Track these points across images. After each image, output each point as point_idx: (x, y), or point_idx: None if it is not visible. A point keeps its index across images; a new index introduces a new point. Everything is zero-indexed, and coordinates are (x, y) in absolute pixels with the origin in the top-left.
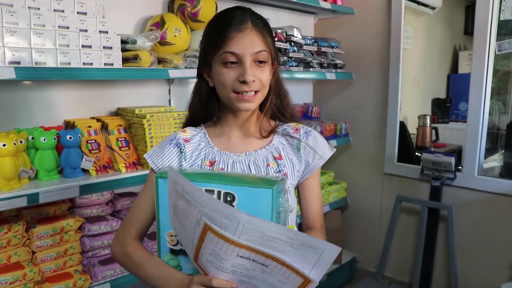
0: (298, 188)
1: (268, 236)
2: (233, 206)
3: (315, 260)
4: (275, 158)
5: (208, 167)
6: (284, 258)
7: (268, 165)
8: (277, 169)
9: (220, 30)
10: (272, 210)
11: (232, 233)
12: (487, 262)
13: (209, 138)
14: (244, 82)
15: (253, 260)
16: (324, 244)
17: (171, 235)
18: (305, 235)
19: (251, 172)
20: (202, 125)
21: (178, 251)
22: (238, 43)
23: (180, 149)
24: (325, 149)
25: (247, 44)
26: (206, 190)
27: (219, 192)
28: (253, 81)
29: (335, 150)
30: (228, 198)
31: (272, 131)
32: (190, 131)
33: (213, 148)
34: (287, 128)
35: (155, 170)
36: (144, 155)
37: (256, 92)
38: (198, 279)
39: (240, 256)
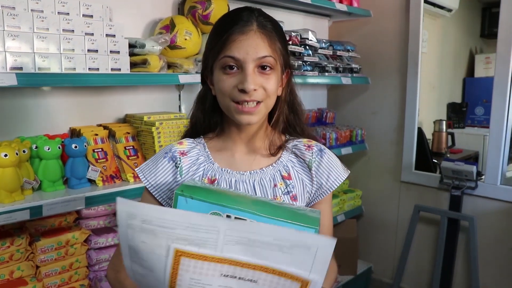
0: None
1: (253, 241)
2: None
3: (311, 262)
4: (283, 178)
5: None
6: (275, 265)
7: (275, 185)
8: (285, 190)
9: (222, 32)
10: None
11: (213, 247)
12: (510, 276)
13: (209, 152)
14: (243, 91)
15: (239, 278)
16: (317, 239)
17: None
18: (293, 230)
19: (255, 194)
20: (201, 136)
21: None
22: (240, 46)
23: (176, 163)
24: (340, 171)
25: (250, 48)
26: (237, 219)
27: None
28: (255, 90)
29: (349, 172)
30: None
31: (281, 147)
32: (187, 143)
33: (213, 164)
34: (298, 144)
35: (148, 187)
36: (135, 169)
37: (258, 103)
38: None
39: (224, 275)
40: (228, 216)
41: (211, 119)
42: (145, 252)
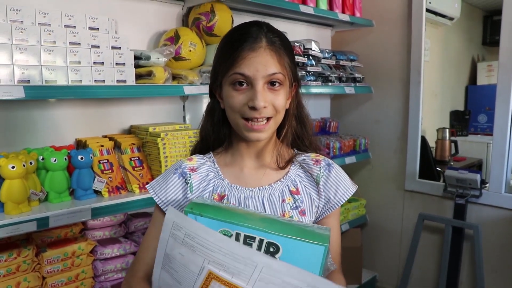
0: None
1: (286, 283)
2: (275, 258)
3: None
4: (291, 193)
5: (217, 201)
6: None
7: (283, 200)
8: (294, 205)
9: (231, 48)
10: (321, 269)
11: (246, 280)
12: None
13: (218, 168)
14: (253, 108)
15: None
16: None
17: None
18: (328, 282)
19: (264, 210)
20: (211, 152)
21: None
22: (250, 63)
23: (186, 179)
24: (348, 185)
25: (260, 65)
26: (247, 237)
27: (261, 241)
28: (265, 107)
29: (357, 187)
30: (271, 249)
31: (290, 161)
32: (197, 159)
33: (223, 180)
34: (306, 159)
35: (159, 203)
36: (146, 186)
37: (268, 119)
38: None
39: None
40: (237, 234)
41: (220, 131)
42: (180, 264)
